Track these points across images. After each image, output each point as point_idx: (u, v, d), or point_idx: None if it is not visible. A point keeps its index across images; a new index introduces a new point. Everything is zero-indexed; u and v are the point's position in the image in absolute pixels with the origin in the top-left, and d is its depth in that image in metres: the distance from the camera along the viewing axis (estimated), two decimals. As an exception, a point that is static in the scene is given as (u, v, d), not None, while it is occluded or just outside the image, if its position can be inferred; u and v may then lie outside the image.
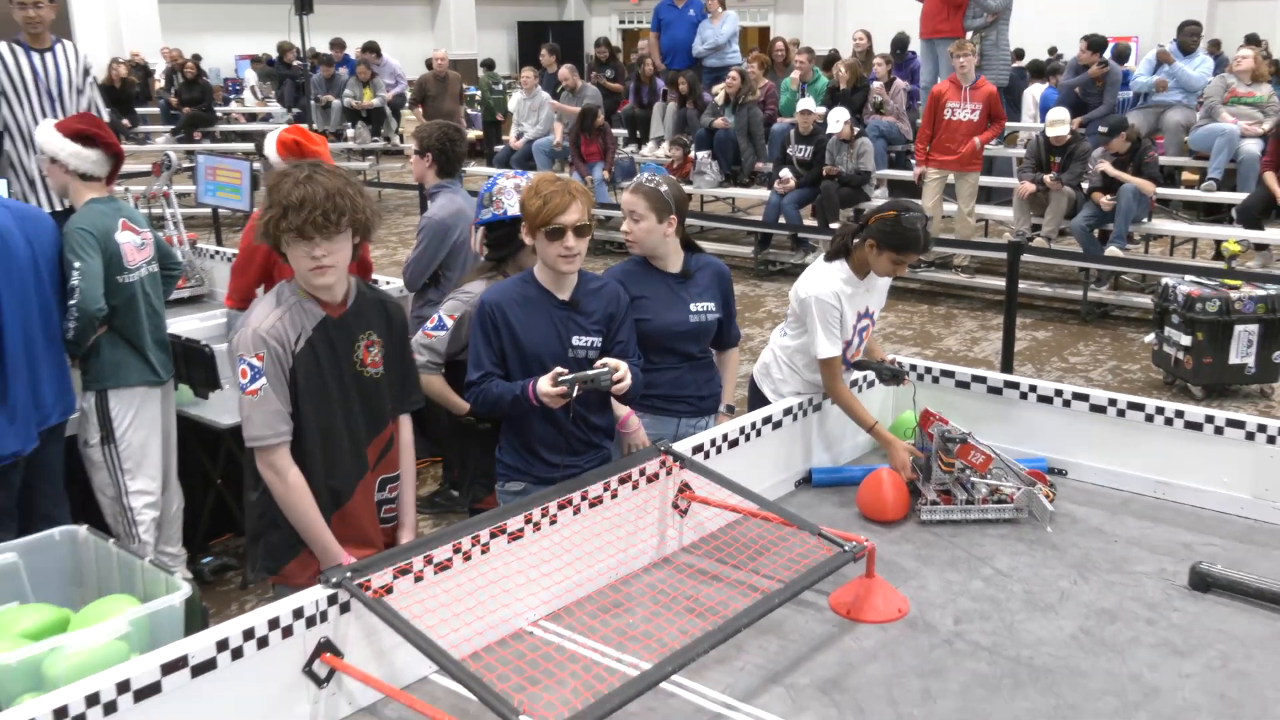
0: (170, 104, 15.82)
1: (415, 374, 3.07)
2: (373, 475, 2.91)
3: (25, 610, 2.40)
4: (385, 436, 2.92)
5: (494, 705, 1.95)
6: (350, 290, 2.81)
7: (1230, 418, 3.21)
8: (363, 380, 2.82)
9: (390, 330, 2.89)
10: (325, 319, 2.74)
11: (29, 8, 5.32)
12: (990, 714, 2.24)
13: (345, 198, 2.59)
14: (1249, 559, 2.91)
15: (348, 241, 2.67)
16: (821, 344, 3.47)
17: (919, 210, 3.53)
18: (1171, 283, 6.99)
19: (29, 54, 5.45)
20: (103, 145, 3.82)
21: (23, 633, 2.29)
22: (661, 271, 3.56)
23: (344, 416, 2.80)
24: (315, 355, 2.72)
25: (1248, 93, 9.77)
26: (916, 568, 2.90)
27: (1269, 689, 2.32)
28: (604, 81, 14.34)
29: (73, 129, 3.80)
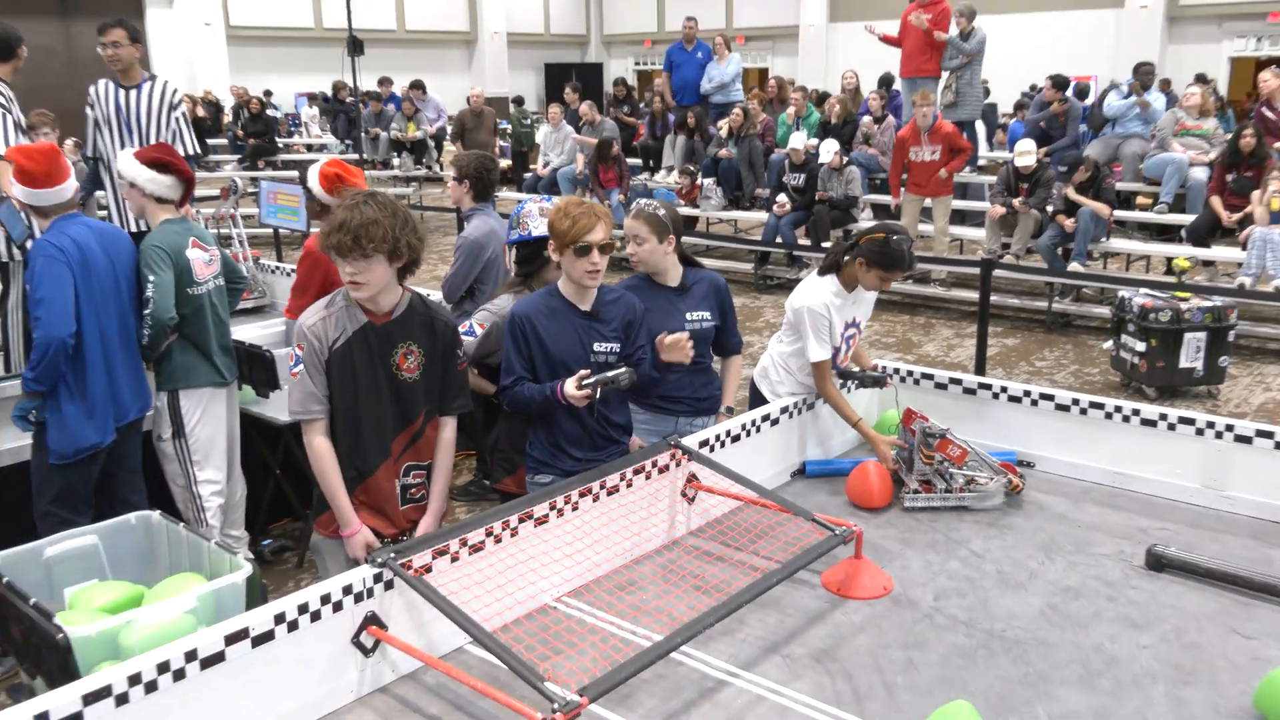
0: (237, 136, 15.90)
1: (460, 382, 3.03)
2: (395, 462, 2.93)
3: (104, 587, 2.40)
4: (413, 430, 2.93)
5: (522, 672, 1.94)
6: (400, 305, 2.85)
7: (1181, 415, 3.18)
8: (397, 381, 2.85)
9: (434, 344, 2.91)
10: (368, 324, 2.81)
11: (108, 47, 5.36)
12: (967, 681, 2.22)
13: (379, 227, 2.64)
14: (1199, 542, 2.88)
15: (381, 264, 2.70)
16: (813, 349, 3.47)
17: (905, 233, 3.52)
18: (1127, 295, 6.95)
19: (119, 90, 5.47)
20: (175, 172, 3.82)
21: (102, 607, 2.29)
22: (662, 286, 3.55)
23: (373, 409, 2.86)
24: (351, 354, 2.80)
25: (1196, 125, 9.74)
26: (900, 550, 2.88)
27: (1218, 658, 2.30)
28: (621, 116, 14.34)
29: (149, 157, 3.81)
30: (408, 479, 2.97)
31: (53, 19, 18.83)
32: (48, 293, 3.42)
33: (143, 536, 2.61)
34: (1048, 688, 2.20)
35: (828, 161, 10.07)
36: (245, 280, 4.36)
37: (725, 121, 11.50)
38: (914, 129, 9.64)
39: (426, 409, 2.94)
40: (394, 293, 2.85)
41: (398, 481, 2.95)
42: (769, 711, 2.13)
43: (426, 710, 2.16)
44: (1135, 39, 18.90)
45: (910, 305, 9.76)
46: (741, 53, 15.27)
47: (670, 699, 2.17)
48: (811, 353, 3.48)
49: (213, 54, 20.59)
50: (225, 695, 1.98)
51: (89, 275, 3.52)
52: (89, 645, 2.07)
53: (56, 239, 3.51)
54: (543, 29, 27.50)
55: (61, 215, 3.59)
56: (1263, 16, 18.51)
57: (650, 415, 3.62)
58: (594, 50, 28.67)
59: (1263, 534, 2.94)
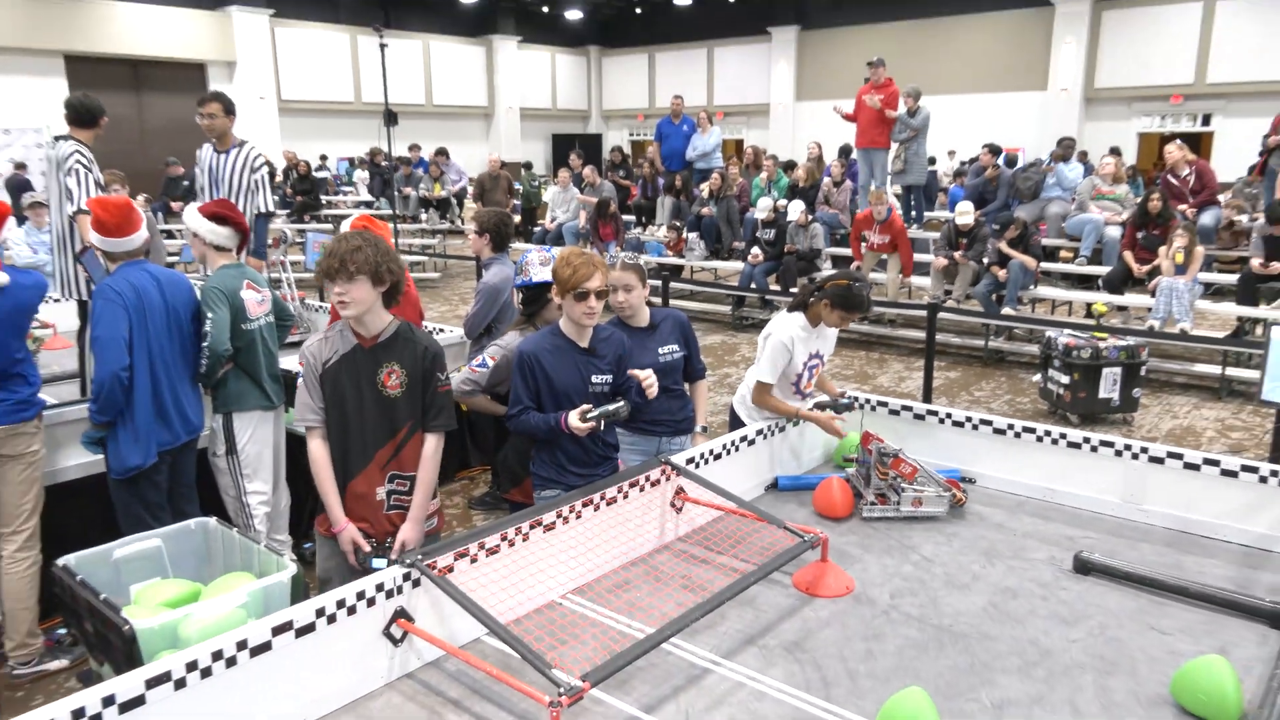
0: (287, 194, 15.93)
1: (441, 403, 2.94)
2: (378, 470, 2.90)
3: (165, 584, 2.37)
4: (396, 442, 2.90)
5: (532, 660, 1.92)
6: (387, 330, 2.87)
7: (1103, 439, 3.17)
8: (382, 397, 2.85)
9: (417, 365, 2.88)
10: (357, 346, 2.85)
11: (204, 117, 5.39)
12: (920, 670, 2.20)
13: (362, 253, 2.72)
14: (1119, 549, 2.87)
15: (365, 285, 2.74)
16: (763, 370, 3.56)
17: (864, 281, 3.56)
18: (1053, 335, 6.98)
19: (214, 154, 5.51)
20: (233, 224, 3.82)
21: (163, 602, 2.26)
22: (634, 327, 3.56)
23: (358, 421, 2.86)
24: (341, 372, 2.84)
25: (1110, 190, 9.84)
26: (860, 554, 2.86)
27: (1136, 651, 2.28)
28: (618, 179, 14.43)
29: (210, 211, 3.81)
30: (392, 485, 2.93)
31: (127, 91, 18.90)
32: (104, 332, 3.39)
33: (200, 540, 2.58)
34: (990, 675, 2.18)
35: (795, 219, 10.16)
36: (293, 318, 4.33)
37: (706, 184, 11.59)
38: (869, 217, 9.74)
39: (410, 424, 2.91)
40: (381, 318, 2.86)
41: (383, 488, 2.91)
42: (747, 696, 2.10)
43: (447, 694, 2.13)
44: (1057, 116, 19.17)
45: (866, 342, 9.79)
46: (720, 126, 15.39)
47: (661, 684, 2.15)
48: (760, 373, 3.57)
49: (266, 123, 20.67)
50: (271, 680, 1.95)
51: (144, 316, 3.49)
52: (152, 636, 2.04)
53: (116, 283, 3.48)
54: (550, 104, 27.72)
55: (127, 261, 3.58)
56: (1166, 98, 18.79)
57: (637, 436, 3.63)
58: (594, 123, 28.90)
59: (1174, 542, 2.93)
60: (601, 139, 27.98)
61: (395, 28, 22.21)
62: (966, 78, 20.51)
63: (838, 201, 11.21)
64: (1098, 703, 2.07)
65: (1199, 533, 2.97)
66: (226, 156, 5.47)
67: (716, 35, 25.22)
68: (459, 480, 5.76)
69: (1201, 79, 18.20)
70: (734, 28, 24.68)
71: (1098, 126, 19.50)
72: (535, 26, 26.44)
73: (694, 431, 3.73)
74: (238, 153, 5.49)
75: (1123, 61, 19.08)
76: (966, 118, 19.40)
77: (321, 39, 22.12)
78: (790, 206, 10.34)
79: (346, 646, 2.08)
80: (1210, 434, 6.70)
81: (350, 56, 22.68)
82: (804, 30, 23.64)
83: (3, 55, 17.00)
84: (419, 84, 24.18)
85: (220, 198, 5.20)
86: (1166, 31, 18.47)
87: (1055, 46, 19.57)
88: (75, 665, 3.67)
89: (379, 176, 17.29)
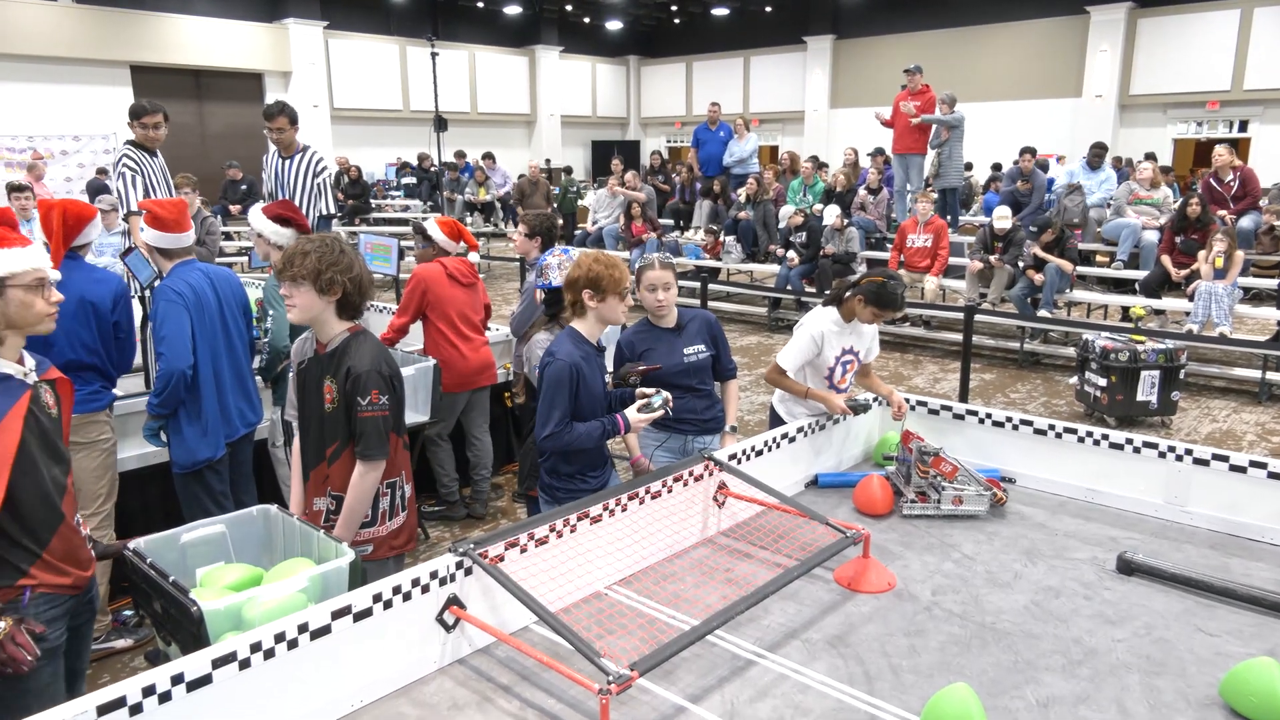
0: (338, 197, 16.13)
1: (362, 430, 2.69)
2: (319, 482, 2.81)
3: (229, 568, 2.39)
4: (326, 457, 2.77)
5: (582, 649, 1.90)
6: (334, 341, 2.75)
7: (1146, 440, 3.09)
8: (321, 409, 2.76)
9: (342, 384, 2.70)
10: (314, 353, 2.82)
11: (274, 131, 5.56)
12: (963, 666, 2.16)
13: (307, 259, 2.65)
14: (1163, 550, 2.80)
15: (308, 291, 2.66)
16: (785, 356, 3.56)
17: (900, 280, 3.51)
18: (1091, 338, 6.83)
19: (279, 159, 5.66)
20: (294, 225, 3.87)
21: (227, 585, 2.28)
22: (661, 329, 3.52)
23: (306, 427, 2.85)
24: (305, 375, 2.83)
25: (1148, 195, 9.61)
26: (901, 551, 2.82)
27: (1184, 652, 2.21)
28: (657, 184, 14.41)
29: (274, 213, 3.87)
30: (328, 503, 2.81)
31: (189, 100, 19.28)
32: (169, 332, 3.43)
33: (262, 526, 2.60)
34: (1034, 674, 2.13)
35: (830, 223, 10.06)
36: (349, 316, 4.37)
37: (743, 189, 11.53)
38: (914, 220, 9.65)
39: (337, 443, 2.75)
40: (330, 328, 2.73)
41: (321, 499, 2.81)
42: (791, 689, 2.07)
43: (497, 679, 2.13)
44: (1091, 123, 18.79)
45: (901, 344, 9.67)
46: (756, 132, 15.31)
47: (706, 675, 2.13)
48: (781, 357, 3.56)
49: (319, 130, 20.94)
50: (330, 662, 1.96)
51: (202, 314, 3.53)
52: (218, 617, 2.06)
53: (176, 284, 3.51)
54: (590, 112, 27.78)
55: (181, 261, 3.61)
56: (1202, 104, 18.34)
57: (664, 434, 3.58)
58: (633, 130, 28.91)
59: (1220, 544, 2.85)
60: (639, 145, 27.98)
61: (443, 39, 22.39)
62: (1001, 85, 20.19)
63: (874, 210, 11.10)
64: (1145, 703, 2.01)
65: (1245, 535, 2.88)
66: (291, 162, 5.62)
67: (753, 45, 25.10)
68: (504, 474, 5.78)
69: (1238, 85, 17.72)
70: (770, 37, 24.55)
71: (1132, 133, 19.09)
72: (577, 37, 26.53)
73: (723, 431, 3.66)
74: (301, 158, 5.64)
75: (1158, 68, 18.65)
76: (1001, 124, 19.08)
77: (372, 50, 22.38)
78: (826, 211, 10.25)
79: (401, 631, 2.09)
80: (1250, 438, 6.52)
81: (400, 66, 22.92)
82: (839, 39, 23.43)
83: (73, 66, 17.43)
84: (464, 92, 24.37)
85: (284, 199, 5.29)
86: (1203, 38, 18.02)
87: (1090, 53, 19.18)
88: (140, 645, 3.73)
89: (427, 181, 17.45)
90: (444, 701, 2.05)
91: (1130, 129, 19.22)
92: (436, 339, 4.76)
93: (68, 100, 17.27)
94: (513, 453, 5.79)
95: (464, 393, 4.90)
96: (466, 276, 4.84)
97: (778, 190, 11.95)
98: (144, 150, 5.16)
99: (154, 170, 5.20)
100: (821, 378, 3.62)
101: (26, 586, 2.23)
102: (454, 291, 4.77)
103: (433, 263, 4.80)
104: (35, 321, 2.25)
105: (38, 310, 2.24)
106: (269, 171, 5.71)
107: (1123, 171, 12.76)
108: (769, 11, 24.00)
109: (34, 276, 2.23)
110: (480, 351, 4.91)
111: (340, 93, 21.77)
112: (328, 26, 21.05)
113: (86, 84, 17.65)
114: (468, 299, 4.84)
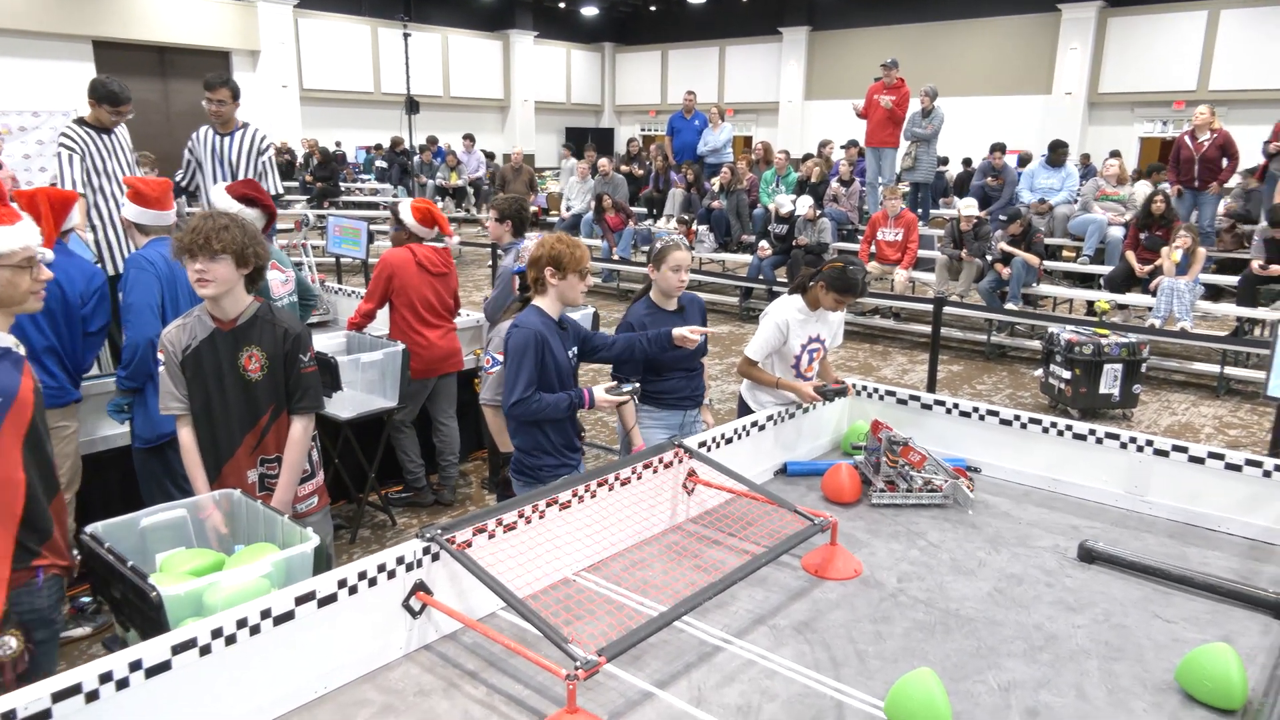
0: (307, 180, 15.92)
1: (305, 384, 2.86)
2: (247, 454, 2.85)
3: (190, 554, 2.35)
4: (260, 427, 2.85)
5: (550, 635, 1.90)
6: (246, 313, 2.80)
7: (1108, 431, 3.14)
8: (243, 381, 2.79)
9: (277, 347, 2.80)
10: (215, 331, 2.79)
11: (213, 103, 5.29)
12: (928, 652, 2.18)
13: (229, 233, 2.66)
14: (1123, 539, 2.85)
15: (227, 265, 2.68)
16: (751, 347, 3.63)
17: (860, 265, 3.56)
18: (1056, 331, 6.93)
19: (216, 136, 5.38)
20: (260, 205, 3.80)
21: (188, 571, 2.24)
22: (667, 311, 3.59)
23: (222, 406, 2.82)
24: (201, 358, 2.79)
25: (1114, 191, 9.75)
26: (868, 539, 2.84)
27: (1142, 638, 2.26)
28: (633, 171, 14.36)
29: (239, 192, 3.80)
30: (262, 469, 2.87)
31: (154, 78, 18.90)
32: (136, 299, 3.39)
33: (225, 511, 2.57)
34: (997, 659, 2.15)
35: (803, 214, 10.10)
36: (317, 298, 4.33)
37: (717, 178, 11.53)
38: (884, 214, 9.71)
39: (273, 407, 2.84)
40: (240, 301, 2.78)
41: (253, 471, 2.86)
42: (758, 674, 2.08)
43: (464, 665, 2.11)
44: (1060, 120, 19.05)
45: (870, 335, 9.75)
46: (731, 122, 15.31)
47: (674, 661, 2.13)
48: (748, 348, 3.63)
49: (288, 111, 20.65)
50: (293, 648, 1.93)
51: (175, 286, 3.49)
52: (178, 603, 2.02)
53: (149, 254, 3.48)
54: (564, 98, 27.64)
55: (156, 237, 3.58)
56: (1168, 104, 18.64)
57: (665, 411, 3.68)
58: (607, 117, 28.81)
59: (1178, 534, 2.90)
60: (614, 133, 27.89)
61: (416, 21, 22.14)
62: (972, 80, 20.37)
63: (846, 201, 11.16)
64: (1104, 687, 2.05)
65: (1203, 525, 2.94)
66: (231, 139, 5.32)
67: (729, 34, 25.10)
68: (473, 460, 5.75)
69: (1204, 86, 18.04)
70: (746, 27, 24.56)
71: (1100, 130, 19.38)
72: (552, 23, 26.35)
73: (703, 404, 3.86)
74: (243, 135, 5.34)
75: (1127, 67, 18.93)
76: (972, 120, 19.27)
77: (343, 30, 22.06)
78: (799, 202, 10.28)
79: (366, 617, 2.07)
80: (1208, 430, 6.66)
81: (371, 48, 22.63)
82: (814, 31, 23.51)
83: (33, 40, 17.01)
84: (437, 76, 24.13)
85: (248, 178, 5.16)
86: (1171, 38, 18.32)
87: (1060, 51, 19.43)
88: (99, 632, 3.67)
89: (397, 165, 17.27)
90: (410, 688, 2.03)
91: (1099, 126, 19.51)
92: (402, 325, 4.71)
93: (27, 75, 16.85)
94: (482, 439, 5.76)
95: (430, 379, 4.86)
96: (436, 265, 4.78)
97: (751, 180, 11.97)
98: (94, 129, 5.01)
99: (103, 149, 5.04)
100: (788, 366, 3.65)
101: (39, 567, 2.19)
102: (421, 278, 4.72)
103: (402, 248, 4.74)
104: (20, 300, 2.20)
105: (23, 288, 2.19)
106: (204, 149, 5.40)
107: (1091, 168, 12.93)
108: (745, 1, 23.99)
109: (23, 256, 2.18)
110: (447, 338, 4.87)
111: (310, 73, 21.46)
112: (298, 5, 20.72)
113: (47, 58, 17.24)
114: (436, 286, 4.79)
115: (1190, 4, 18.07)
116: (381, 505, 4.93)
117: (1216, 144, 8.89)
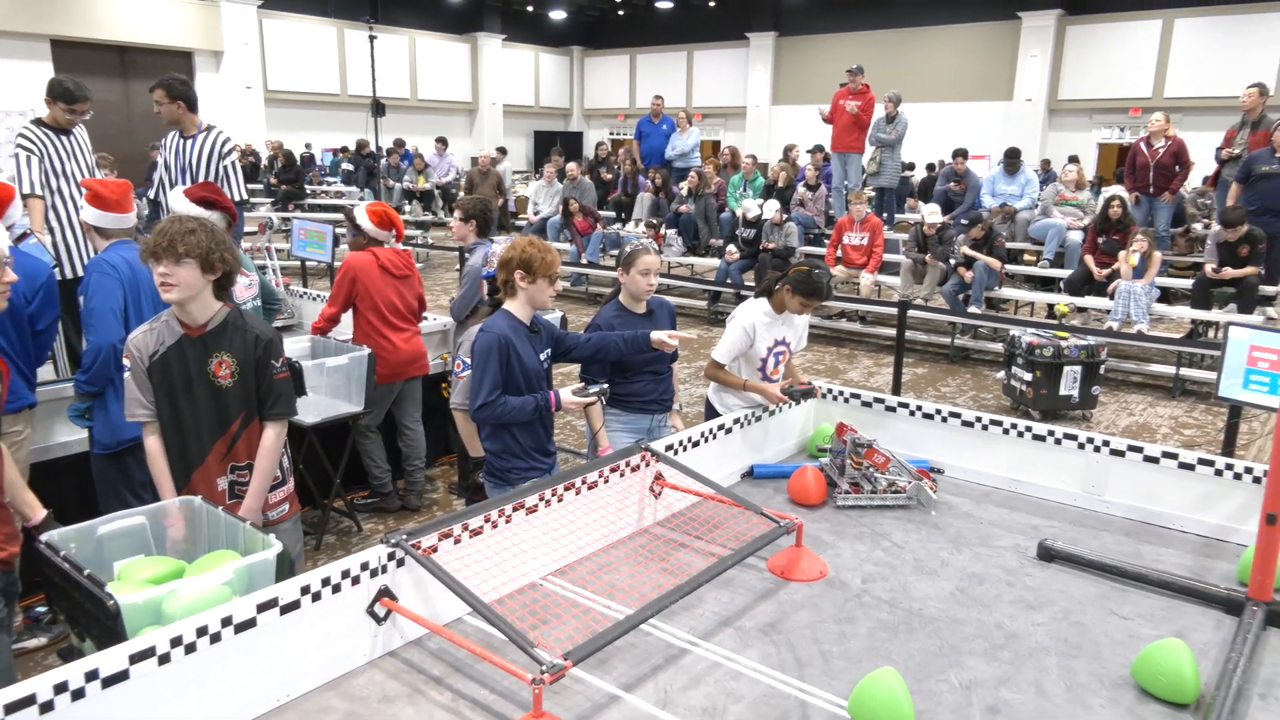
0: (271, 182, 15.72)
1: (278, 390, 2.81)
2: (217, 461, 2.80)
3: (149, 561, 2.30)
4: (230, 434, 2.79)
5: (515, 639, 1.89)
6: (215, 319, 2.74)
7: (1066, 432, 3.20)
8: (212, 388, 2.74)
9: (248, 353, 2.75)
10: (184, 337, 2.73)
11: (157, 104, 5.15)
12: (891, 652, 2.20)
13: (195, 237, 2.60)
14: (1081, 538, 2.90)
15: (192, 270, 2.62)
16: (719, 350, 3.63)
17: (825, 268, 3.59)
18: (1017, 334, 7.04)
19: (179, 140, 5.23)
20: (221, 208, 3.75)
21: (147, 579, 2.20)
22: (636, 313, 3.60)
23: (191, 413, 2.76)
24: (169, 364, 2.73)
25: (1073, 196, 9.92)
26: (833, 540, 2.87)
27: (1099, 635, 2.30)
28: (602, 175, 14.37)
29: (197, 195, 3.74)
30: (233, 476, 2.82)
31: (115, 79, 18.56)
32: (99, 303, 3.33)
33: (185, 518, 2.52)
34: (959, 658, 2.18)
35: (770, 218, 10.17)
36: (280, 302, 4.28)
37: (685, 183, 11.57)
38: (850, 218, 9.81)
39: (243, 414, 2.79)
40: (209, 307, 2.72)
41: (223, 479, 2.81)
42: (724, 675, 2.09)
43: (429, 671, 2.10)
44: (1021, 126, 19.37)
45: (837, 339, 9.83)
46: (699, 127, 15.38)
47: (640, 664, 2.13)
48: (715, 351, 3.64)
49: (252, 113, 20.38)
50: (255, 656, 1.91)
51: (137, 291, 3.43)
52: (136, 611, 1.98)
53: (111, 258, 3.42)
54: (533, 102, 27.56)
55: (118, 240, 3.51)
56: (1125, 110, 19.02)
57: (631, 415, 3.67)
58: (575, 121, 28.77)
59: (1134, 532, 2.96)
60: (582, 137, 27.87)
61: (383, 22, 21.97)
62: (935, 86, 20.64)
63: (812, 206, 11.25)
64: (1062, 684, 2.08)
65: (1157, 523, 3.00)
66: (193, 142, 5.16)
67: (696, 39, 25.21)
68: (439, 466, 5.71)
69: (1159, 93, 18.45)
70: (713, 32, 24.68)
71: (1060, 136, 19.72)
72: (520, 26, 26.27)
73: (672, 409, 3.84)
74: (205, 138, 5.19)
75: (1085, 74, 19.30)
76: (934, 125, 19.52)
77: (308, 31, 21.82)
78: (766, 206, 10.35)
79: (330, 624, 2.04)
80: (1164, 430, 6.80)
81: (337, 49, 22.41)
82: (781, 36, 23.68)
83: (-12, 39, 16.63)
84: (404, 78, 23.96)
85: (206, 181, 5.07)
86: (1127, 46, 18.71)
87: (1021, 58, 19.76)
88: (54, 643, 3.59)
89: (363, 167, 17.12)
90: (374, 694, 2.01)
91: (1058, 133, 19.85)
92: (366, 329, 4.67)
93: (-18, 74, 16.47)
94: (450, 444, 5.73)
95: (395, 383, 4.82)
96: (400, 268, 4.74)
97: (718, 185, 12.03)
98: (52, 129, 4.90)
99: (61, 150, 4.93)
100: (755, 369, 3.67)
101: None
102: (385, 281, 4.68)
103: (364, 252, 4.70)
104: None
105: None
106: (169, 151, 5.25)
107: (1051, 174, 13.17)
108: (712, 6, 24.12)
109: None
110: (412, 342, 4.83)
111: (275, 75, 21.19)
112: (262, 6, 20.46)
113: (3, 58, 16.84)
114: (400, 289, 4.75)
115: (1145, 13, 18.47)
116: (347, 511, 4.88)
117: (1170, 151, 9.10)
